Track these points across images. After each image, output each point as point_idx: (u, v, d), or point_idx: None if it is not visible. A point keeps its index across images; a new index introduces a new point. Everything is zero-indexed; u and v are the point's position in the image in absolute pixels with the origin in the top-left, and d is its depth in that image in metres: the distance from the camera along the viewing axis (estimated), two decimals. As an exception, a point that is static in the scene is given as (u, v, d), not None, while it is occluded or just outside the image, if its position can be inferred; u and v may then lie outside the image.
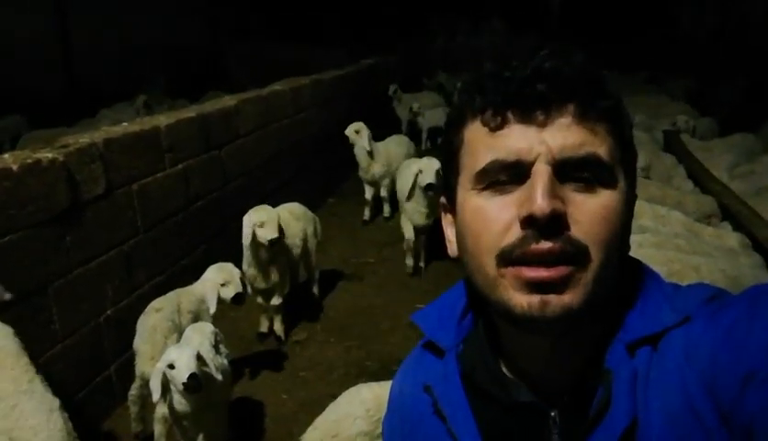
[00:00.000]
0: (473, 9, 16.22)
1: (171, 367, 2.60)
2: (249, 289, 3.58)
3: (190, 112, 4.81)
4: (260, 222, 3.81)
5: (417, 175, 5.00)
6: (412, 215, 5.31)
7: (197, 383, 2.56)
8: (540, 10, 15.84)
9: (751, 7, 11.49)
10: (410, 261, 5.54)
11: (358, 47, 11.31)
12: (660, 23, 14.28)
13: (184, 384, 2.56)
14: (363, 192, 6.95)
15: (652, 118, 7.67)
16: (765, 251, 3.75)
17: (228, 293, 3.49)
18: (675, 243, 3.40)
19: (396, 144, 7.02)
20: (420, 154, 7.79)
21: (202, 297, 3.55)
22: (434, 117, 10.25)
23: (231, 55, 14.25)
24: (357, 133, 6.41)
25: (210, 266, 3.62)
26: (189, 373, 2.54)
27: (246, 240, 3.88)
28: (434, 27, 16.34)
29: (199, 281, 3.61)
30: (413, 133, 9.71)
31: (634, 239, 0.81)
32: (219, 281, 3.48)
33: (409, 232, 5.39)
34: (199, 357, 2.66)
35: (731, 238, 3.79)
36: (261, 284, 4.25)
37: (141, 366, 3.21)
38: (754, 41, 10.71)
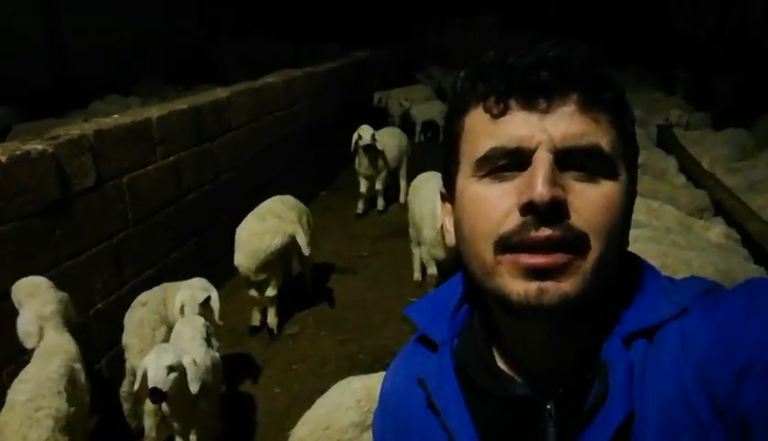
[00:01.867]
0: (467, 5, 16.19)
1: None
2: (216, 317, 3.34)
3: (182, 104, 4.77)
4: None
5: None
6: (435, 246, 4.39)
7: (158, 398, 2.59)
8: (540, 9, 15.81)
9: (750, 7, 11.49)
10: None
11: (356, 45, 11.30)
12: (659, 22, 14.29)
13: (148, 395, 2.61)
14: (356, 185, 6.94)
15: (647, 114, 7.69)
16: (757, 245, 3.77)
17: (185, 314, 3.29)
18: (671, 238, 3.41)
19: (389, 137, 7.02)
20: (413, 147, 7.80)
21: None
22: (427, 110, 10.24)
23: (229, 53, 14.18)
24: (374, 137, 6.37)
25: (192, 280, 3.43)
26: (152, 386, 2.54)
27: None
28: (428, 22, 16.32)
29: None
30: (406, 126, 9.70)
31: (630, 233, 0.82)
32: (183, 299, 3.28)
33: (433, 268, 4.59)
34: (173, 368, 2.61)
35: (718, 230, 3.81)
36: (257, 277, 4.24)
37: (132, 359, 3.20)
38: (754, 42, 10.71)
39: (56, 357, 2.64)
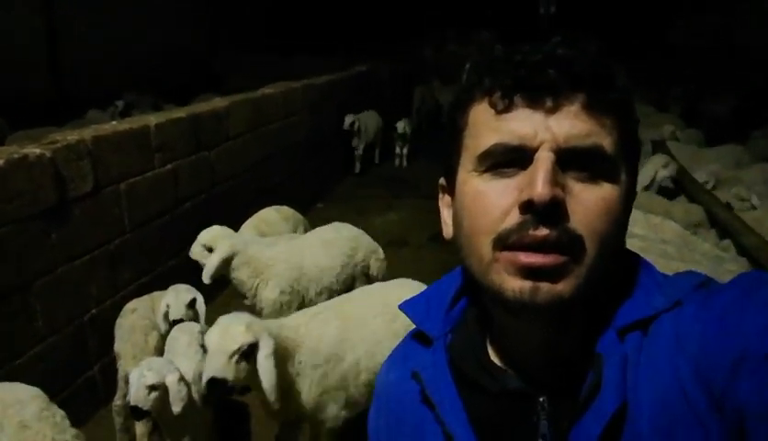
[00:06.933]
0: (463, 20, 16.36)
1: None
2: (202, 320, 3.29)
3: (180, 112, 4.79)
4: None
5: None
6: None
7: (139, 415, 2.62)
8: (534, 21, 15.97)
9: (750, 14, 11.55)
10: None
11: (355, 59, 11.36)
12: (657, 33, 14.39)
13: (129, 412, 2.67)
14: (352, 197, 6.93)
15: (640, 128, 7.73)
16: (753, 258, 3.78)
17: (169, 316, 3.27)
18: (661, 248, 3.41)
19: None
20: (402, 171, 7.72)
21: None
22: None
23: (228, 66, 14.23)
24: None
25: (177, 285, 3.39)
26: (133, 404, 2.55)
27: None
28: (425, 37, 16.47)
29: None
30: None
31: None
32: (168, 300, 3.25)
33: None
34: (155, 388, 2.58)
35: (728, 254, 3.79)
36: None
37: (125, 366, 3.18)
38: (755, 52, 10.74)
39: None
